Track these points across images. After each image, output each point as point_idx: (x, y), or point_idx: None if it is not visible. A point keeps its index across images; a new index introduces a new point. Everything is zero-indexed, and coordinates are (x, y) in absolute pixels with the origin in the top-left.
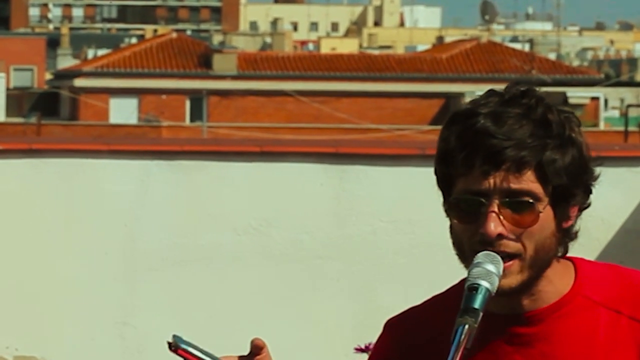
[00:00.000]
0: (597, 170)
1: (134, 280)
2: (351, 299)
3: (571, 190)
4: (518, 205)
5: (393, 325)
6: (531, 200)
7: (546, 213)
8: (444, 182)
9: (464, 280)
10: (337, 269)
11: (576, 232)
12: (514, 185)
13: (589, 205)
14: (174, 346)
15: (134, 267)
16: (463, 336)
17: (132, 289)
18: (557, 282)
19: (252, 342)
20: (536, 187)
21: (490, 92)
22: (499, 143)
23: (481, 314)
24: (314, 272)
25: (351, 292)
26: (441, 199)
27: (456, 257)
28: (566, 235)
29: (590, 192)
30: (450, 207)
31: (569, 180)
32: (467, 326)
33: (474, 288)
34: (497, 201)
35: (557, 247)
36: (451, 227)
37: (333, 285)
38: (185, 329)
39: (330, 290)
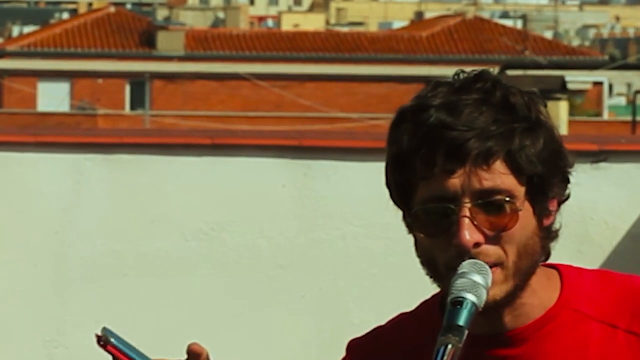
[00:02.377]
0: (571, 157)
1: (65, 292)
2: (316, 314)
3: (548, 180)
4: (493, 205)
5: (356, 347)
6: (507, 198)
7: (525, 210)
8: (401, 192)
9: (435, 296)
10: (301, 280)
11: (557, 231)
12: (486, 183)
13: (567, 197)
14: (104, 341)
15: (65, 278)
16: (445, 357)
17: (63, 302)
18: (542, 293)
19: (189, 347)
20: (510, 181)
21: (437, 82)
22: (460, 135)
23: (466, 332)
24: (274, 283)
25: (316, 307)
26: (400, 214)
27: None
28: (547, 235)
29: (568, 181)
30: (414, 220)
31: (544, 167)
32: (450, 346)
33: (459, 302)
34: (468, 204)
35: (540, 249)
36: (416, 243)
37: (296, 299)
38: None
39: (292, 304)
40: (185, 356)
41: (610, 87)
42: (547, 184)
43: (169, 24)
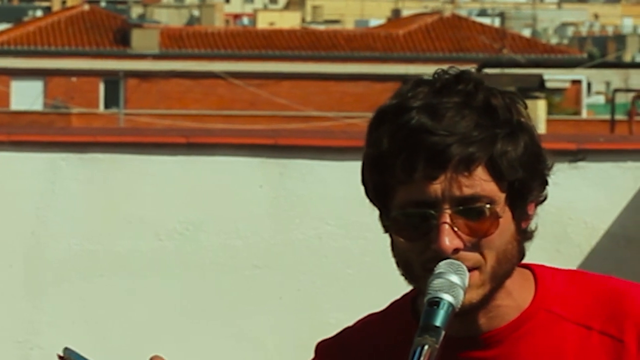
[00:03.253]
0: (550, 158)
1: (40, 293)
2: (293, 314)
3: (528, 185)
4: (473, 212)
5: (325, 349)
6: (488, 205)
7: (505, 215)
8: (380, 193)
9: (406, 296)
10: (277, 280)
11: (532, 232)
12: (466, 190)
13: (545, 198)
14: None
15: (40, 278)
16: (422, 358)
17: (38, 303)
18: (516, 294)
19: None
20: (490, 187)
21: (417, 81)
22: (441, 140)
23: (443, 332)
24: (250, 283)
25: (293, 307)
26: (376, 213)
27: None
28: (524, 236)
29: (547, 184)
30: (392, 223)
31: (525, 172)
32: (426, 347)
33: (435, 302)
34: (448, 211)
35: (518, 253)
36: (393, 243)
37: (271, 299)
38: (99, 348)
39: (268, 305)
40: None
41: (589, 85)
42: (527, 188)
43: (144, 22)
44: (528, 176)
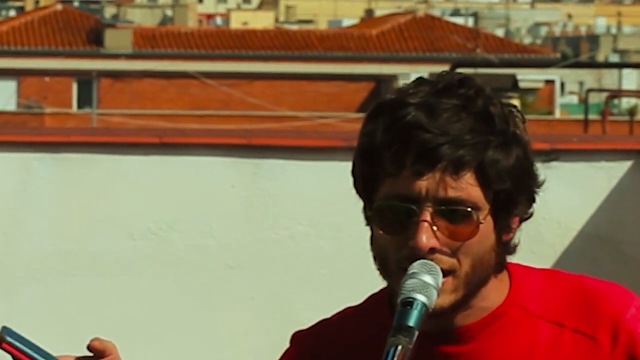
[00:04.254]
0: (542, 176)
1: (13, 293)
2: (265, 314)
3: (514, 198)
4: (455, 214)
5: (301, 339)
6: (470, 209)
7: (486, 224)
8: (367, 184)
9: (384, 290)
10: (249, 280)
11: (515, 246)
12: (451, 192)
13: (530, 215)
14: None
15: (11, 278)
16: (396, 358)
17: (11, 303)
18: (491, 293)
19: (89, 344)
20: (476, 193)
21: (420, 80)
22: (434, 138)
23: (416, 332)
24: (222, 283)
25: (265, 307)
26: (361, 204)
27: None
28: (504, 249)
29: (534, 201)
30: (374, 214)
31: (513, 185)
32: (400, 347)
33: (409, 303)
34: (430, 209)
35: (495, 263)
36: (372, 237)
37: (244, 299)
38: (72, 348)
39: (241, 305)
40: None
41: (562, 85)
42: (513, 201)
43: (117, 22)
44: (515, 189)
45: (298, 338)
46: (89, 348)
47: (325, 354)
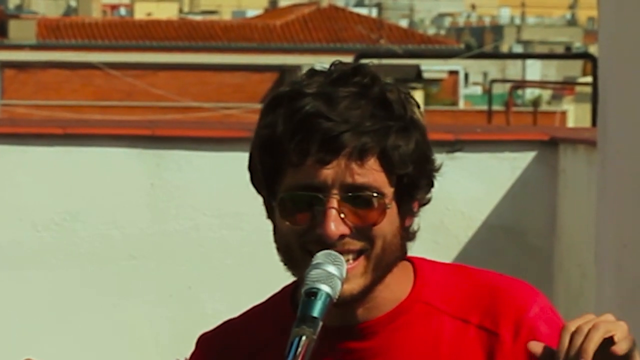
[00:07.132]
0: (444, 165)
1: None
2: (169, 305)
3: (416, 181)
4: (362, 200)
5: (206, 342)
6: (376, 194)
7: (392, 208)
8: (268, 176)
9: (286, 288)
10: (153, 271)
11: (414, 233)
12: (358, 178)
13: (429, 201)
14: None
15: None
16: (300, 349)
17: None
18: (395, 286)
19: None
20: (381, 178)
21: (313, 71)
22: (336, 126)
23: (321, 323)
24: (126, 273)
25: (169, 298)
26: (254, 203)
27: None
28: (406, 235)
29: (432, 185)
30: (279, 206)
31: (415, 169)
32: (304, 337)
33: (313, 293)
34: (336, 196)
35: (401, 248)
36: (276, 229)
37: (148, 289)
38: None
39: (144, 295)
40: None
41: (466, 76)
42: (414, 185)
43: (21, 13)
44: (417, 173)
45: (204, 340)
46: None
47: (230, 355)
